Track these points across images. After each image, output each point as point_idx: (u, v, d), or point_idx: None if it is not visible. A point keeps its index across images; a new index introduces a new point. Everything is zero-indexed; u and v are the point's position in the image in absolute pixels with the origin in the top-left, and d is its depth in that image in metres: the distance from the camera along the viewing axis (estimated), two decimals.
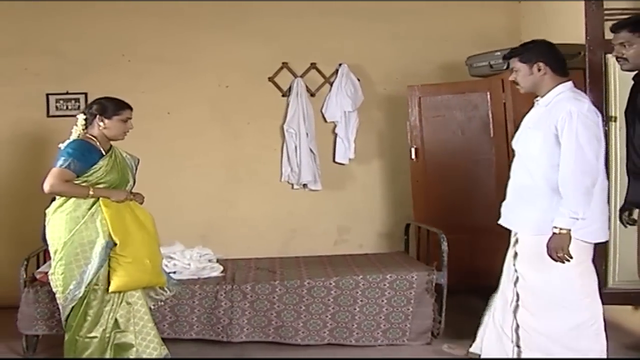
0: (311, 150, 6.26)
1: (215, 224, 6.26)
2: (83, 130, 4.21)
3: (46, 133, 5.98)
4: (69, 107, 6.08)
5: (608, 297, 4.46)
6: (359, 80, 6.30)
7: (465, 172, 5.66)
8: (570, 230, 3.50)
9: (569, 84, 3.74)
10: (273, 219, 6.37)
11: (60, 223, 4.05)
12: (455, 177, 5.72)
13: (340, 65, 6.31)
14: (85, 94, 6.07)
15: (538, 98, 3.82)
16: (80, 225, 4.02)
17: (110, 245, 4.04)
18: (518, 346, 3.76)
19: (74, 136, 4.19)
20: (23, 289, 4.59)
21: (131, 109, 4.26)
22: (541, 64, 3.72)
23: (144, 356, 4.16)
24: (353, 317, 4.81)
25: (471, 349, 4.23)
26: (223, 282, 4.88)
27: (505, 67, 5.34)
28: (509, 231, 3.93)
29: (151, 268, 4.17)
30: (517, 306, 3.76)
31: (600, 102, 4.40)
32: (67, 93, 6.13)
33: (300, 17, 6.33)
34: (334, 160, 6.38)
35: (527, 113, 3.93)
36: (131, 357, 4.14)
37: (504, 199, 3.91)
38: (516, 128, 4.00)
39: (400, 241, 6.03)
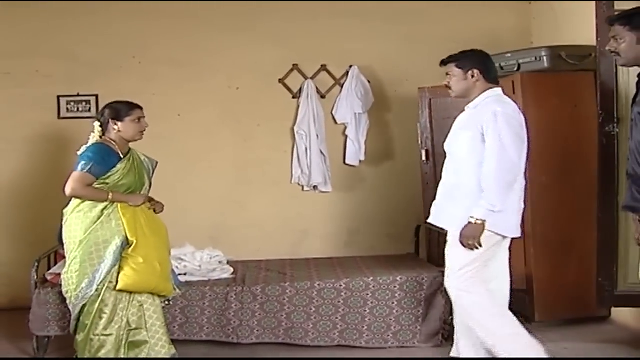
0: (321, 152, 6.26)
1: (226, 226, 6.26)
2: (100, 136, 4.29)
3: (57, 135, 6.01)
4: (80, 109, 6.10)
5: (619, 299, 4.45)
6: (369, 82, 6.30)
7: None
8: (485, 221, 3.74)
9: (499, 89, 4.01)
10: (283, 221, 6.37)
11: (76, 222, 4.16)
12: None
13: (350, 67, 6.30)
14: (96, 96, 6.10)
15: (468, 104, 4.05)
16: (96, 224, 4.12)
17: (125, 245, 4.13)
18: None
19: (91, 142, 4.29)
20: (34, 290, 4.60)
21: (141, 108, 4.36)
22: (476, 71, 3.98)
23: (153, 354, 4.21)
24: (363, 319, 4.80)
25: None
26: (233, 283, 4.89)
27: (515, 69, 5.34)
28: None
29: (160, 272, 4.23)
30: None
31: (612, 103, 4.38)
32: (78, 95, 6.15)
33: (311, 19, 6.33)
34: (344, 162, 6.37)
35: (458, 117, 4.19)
36: (142, 356, 4.20)
37: None
38: (449, 131, 4.24)
39: (410, 243, 6.02)
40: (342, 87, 6.34)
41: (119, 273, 4.12)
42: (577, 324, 5.05)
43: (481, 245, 3.77)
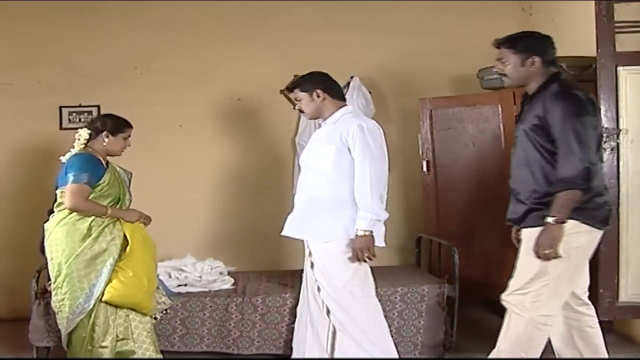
0: None
1: (227, 236, 6.25)
2: (84, 144, 4.31)
3: (59, 145, 5.95)
4: (82, 120, 6.08)
5: (620, 310, 4.43)
6: (370, 92, 6.28)
7: (477, 184, 5.63)
8: (372, 231, 3.94)
9: (350, 107, 4.25)
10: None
11: (63, 236, 4.14)
12: (466, 189, 5.69)
13: (351, 77, 6.28)
14: (98, 106, 6.10)
15: (324, 121, 4.21)
16: (91, 238, 4.12)
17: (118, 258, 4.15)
18: (333, 347, 4.11)
19: (76, 150, 4.27)
20: (34, 301, 4.60)
21: (132, 127, 4.43)
22: (319, 91, 4.14)
23: None
24: None
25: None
26: (234, 294, 4.88)
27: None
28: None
29: (146, 288, 4.24)
30: (328, 311, 4.10)
31: (612, 114, 4.38)
32: (79, 106, 6.16)
33: (312, 29, 6.35)
34: None
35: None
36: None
37: None
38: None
39: (411, 254, 5.99)
40: None
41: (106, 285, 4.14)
42: None
43: (374, 255, 3.97)
